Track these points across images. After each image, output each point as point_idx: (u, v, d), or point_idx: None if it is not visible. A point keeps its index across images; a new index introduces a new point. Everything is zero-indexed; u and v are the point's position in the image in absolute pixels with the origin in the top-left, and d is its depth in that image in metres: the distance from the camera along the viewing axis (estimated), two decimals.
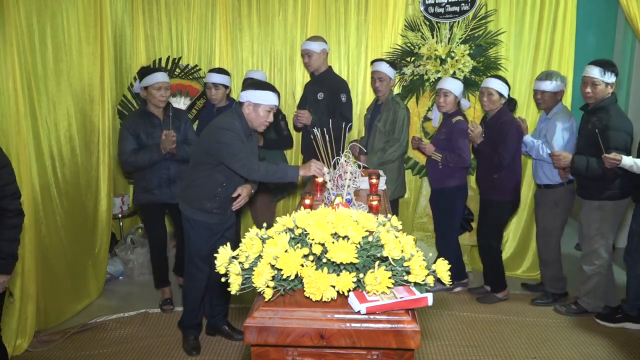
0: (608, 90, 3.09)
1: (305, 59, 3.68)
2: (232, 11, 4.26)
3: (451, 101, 3.47)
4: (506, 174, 3.37)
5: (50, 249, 3.18)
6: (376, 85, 3.62)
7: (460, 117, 3.47)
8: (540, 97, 3.39)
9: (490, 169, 3.41)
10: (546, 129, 3.37)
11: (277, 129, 3.72)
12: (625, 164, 2.88)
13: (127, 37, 4.32)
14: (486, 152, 3.39)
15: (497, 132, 3.34)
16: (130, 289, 3.91)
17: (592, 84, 3.09)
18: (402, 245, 1.31)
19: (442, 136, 3.52)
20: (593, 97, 3.11)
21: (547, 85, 3.33)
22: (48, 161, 3.17)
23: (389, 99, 3.62)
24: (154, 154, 3.14)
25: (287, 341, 1.23)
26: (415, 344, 1.21)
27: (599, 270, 3.26)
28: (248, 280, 1.29)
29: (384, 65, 3.56)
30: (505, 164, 3.32)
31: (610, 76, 3.05)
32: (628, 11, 3.59)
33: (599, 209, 3.18)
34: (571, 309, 3.40)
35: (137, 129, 3.18)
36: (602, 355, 2.90)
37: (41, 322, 3.10)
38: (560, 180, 3.37)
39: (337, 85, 3.69)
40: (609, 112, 3.05)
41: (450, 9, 3.87)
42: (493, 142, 3.35)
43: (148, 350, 2.99)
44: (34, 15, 3.00)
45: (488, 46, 3.87)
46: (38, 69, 3.05)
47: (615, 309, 3.28)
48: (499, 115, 3.39)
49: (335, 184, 2.46)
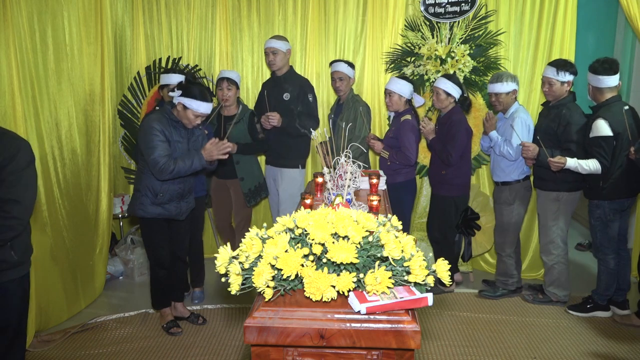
0: (565, 88, 3.27)
1: (270, 56, 3.65)
2: (232, 11, 4.26)
3: (396, 101, 3.54)
4: (454, 171, 3.50)
5: (54, 250, 3.19)
6: (337, 85, 3.71)
7: (408, 116, 3.55)
8: (495, 99, 3.50)
9: (440, 165, 3.54)
10: (504, 128, 3.47)
11: (252, 132, 3.62)
12: (570, 165, 3.09)
13: (127, 37, 4.32)
14: (437, 149, 3.51)
15: (447, 130, 3.46)
16: (130, 289, 3.92)
17: (548, 83, 3.29)
18: (402, 245, 1.31)
19: (391, 134, 3.63)
20: (551, 95, 3.32)
21: (500, 87, 3.43)
22: (50, 162, 3.18)
23: (349, 97, 3.73)
24: (194, 162, 2.77)
25: (287, 341, 1.23)
26: (415, 344, 1.21)
27: (559, 260, 3.45)
28: (248, 280, 1.29)
29: (343, 65, 3.68)
30: (453, 161, 3.44)
31: (565, 75, 3.23)
32: (628, 11, 3.59)
33: (556, 200, 3.37)
34: (537, 298, 3.58)
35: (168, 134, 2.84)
36: (602, 355, 2.90)
37: (41, 322, 3.10)
38: (516, 178, 3.48)
39: (303, 85, 3.73)
40: (569, 109, 3.24)
41: (451, 9, 3.88)
42: (443, 140, 3.47)
43: (148, 350, 2.99)
44: (35, 15, 3.00)
45: (488, 46, 3.88)
46: (39, 69, 3.06)
47: (586, 300, 3.44)
48: (449, 114, 3.50)
49: (335, 184, 2.46)
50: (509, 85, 3.40)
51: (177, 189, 2.95)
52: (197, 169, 2.83)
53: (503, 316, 3.40)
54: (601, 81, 3.11)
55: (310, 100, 3.70)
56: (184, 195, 3.03)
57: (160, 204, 2.93)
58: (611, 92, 3.14)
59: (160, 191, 2.90)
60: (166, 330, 3.17)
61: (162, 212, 2.95)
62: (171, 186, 2.92)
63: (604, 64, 3.10)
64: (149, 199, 2.91)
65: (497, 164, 3.54)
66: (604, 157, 3.05)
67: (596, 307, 3.37)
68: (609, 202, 3.17)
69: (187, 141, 2.93)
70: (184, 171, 2.78)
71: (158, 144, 2.75)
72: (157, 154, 2.73)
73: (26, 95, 2.94)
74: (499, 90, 3.43)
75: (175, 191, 2.95)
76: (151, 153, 2.74)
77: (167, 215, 2.98)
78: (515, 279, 3.66)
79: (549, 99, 3.37)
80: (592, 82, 3.17)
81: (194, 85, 2.86)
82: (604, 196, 3.16)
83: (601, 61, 3.12)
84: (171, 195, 2.94)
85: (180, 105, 2.82)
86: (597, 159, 3.07)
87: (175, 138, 2.86)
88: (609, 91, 3.14)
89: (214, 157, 2.80)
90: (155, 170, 2.75)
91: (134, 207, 2.97)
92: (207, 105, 2.82)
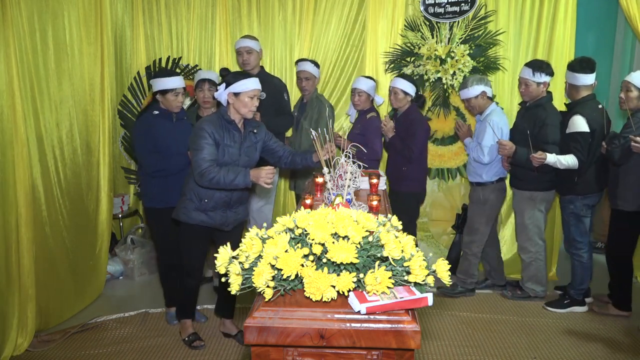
0: (541, 89, 3.34)
1: (244, 55, 3.65)
2: (232, 11, 4.26)
3: (364, 99, 3.65)
4: (414, 167, 3.56)
5: (53, 250, 3.19)
6: (303, 84, 3.76)
7: (374, 113, 3.67)
8: (467, 105, 3.60)
9: (400, 162, 3.59)
10: (480, 130, 3.53)
11: None
12: (550, 161, 3.18)
13: (127, 37, 4.32)
14: (396, 146, 3.56)
15: (406, 128, 3.53)
16: (130, 289, 3.92)
17: (524, 84, 3.36)
18: (402, 245, 1.31)
19: (357, 131, 3.69)
20: (527, 96, 3.39)
21: (467, 93, 3.49)
22: (51, 162, 3.17)
23: (313, 97, 3.78)
24: (238, 178, 2.55)
25: (287, 341, 1.23)
26: (415, 344, 1.21)
27: (536, 257, 3.54)
28: (248, 280, 1.29)
29: (309, 65, 3.73)
30: (414, 157, 3.51)
31: (541, 76, 3.29)
32: (628, 11, 3.60)
33: (530, 198, 3.46)
34: (517, 294, 3.65)
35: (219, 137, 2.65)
36: (602, 355, 2.90)
37: (41, 322, 3.10)
38: (489, 179, 3.54)
39: (278, 84, 3.78)
40: (546, 109, 3.31)
41: (450, 9, 3.88)
42: (403, 137, 3.53)
43: (148, 350, 2.99)
44: (35, 16, 3.00)
45: (488, 46, 3.88)
46: (40, 69, 3.05)
47: (563, 296, 3.55)
48: (407, 113, 3.58)
49: (335, 184, 2.46)
50: (476, 88, 3.45)
51: (223, 197, 2.75)
52: (239, 186, 2.61)
53: (503, 316, 3.40)
54: (578, 79, 3.23)
55: (286, 99, 3.75)
56: (231, 205, 2.81)
57: (204, 210, 2.75)
58: (587, 90, 3.26)
59: (205, 196, 2.73)
60: (188, 344, 3.01)
61: (205, 220, 2.76)
62: (217, 193, 2.73)
63: (582, 62, 3.23)
64: (194, 203, 2.75)
65: (472, 164, 3.63)
66: (581, 151, 3.17)
67: (573, 303, 3.47)
68: (582, 198, 3.31)
69: (239, 146, 2.71)
70: (224, 184, 2.56)
71: (204, 146, 2.58)
72: (201, 157, 2.59)
73: (26, 96, 2.93)
74: (466, 96, 3.50)
75: (221, 199, 2.75)
76: (196, 154, 2.60)
77: (211, 224, 2.78)
78: (475, 279, 3.73)
79: (525, 99, 3.45)
80: (569, 80, 3.30)
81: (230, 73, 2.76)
82: (577, 191, 3.30)
83: (579, 60, 3.26)
84: (216, 202, 2.75)
85: (231, 97, 2.63)
86: (574, 154, 3.17)
87: (227, 142, 2.67)
88: (585, 89, 3.26)
89: (259, 181, 2.56)
90: (196, 173, 2.60)
91: (178, 211, 2.81)
92: (254, 80, 2.65)
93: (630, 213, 3.17)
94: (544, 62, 3.36)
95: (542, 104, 3.33)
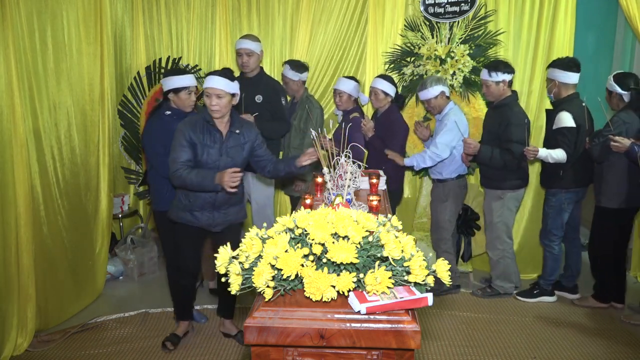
0: (501, 87, 3.39)
1: (244, 57, 3.56)
2: (232, 11, 4.26)
3: (346, 100, 3.65)
4: (393, 166, 3.57)
5: (52, 250, 3.19)
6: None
7: (357, 113, 3.68)
8: (427, 106, 3.62)
9: (379, 160, 3.58)
10: (439, 129, 3.57)
11: None
12: (541, 155, 3.27)
13: (127, 37, 4.32)
14: (376, 145, 3.57)
15: (387, 128, 3.57)
16: (130, 289, 3.92)
17: (485, 85, 3.45)
18: (402, 245, 1.31)
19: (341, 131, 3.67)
20: (490, 96, 3.45)
21: (426, 94, 3.52)
22: (49, 161, 3.17)
23: (303, 98, 3.80)
24: (206, 181, 2.54)
25: (287, 341, 1.23)
26: (415, 344, 1.21)
27: (504, 254, 3.62)
28: (248, 280, 1.29)
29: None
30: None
31: (497, 75, 3.34)
32: (628, 11, 3.60)
33: (499, 197, 3.53)
34: (486, 292, 3.72)
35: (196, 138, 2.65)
36: (603, 356, 2.91)
37: (41, 322, 3.10)
38: (449, 176, 3.59)
39: (276, 87, 3.72)
40: (511, 109, 3.37)
41: (450, 9, 3.88)
42: (383, 137, 3.56)
43: (148, 350, 2.99)
44: (34, 15, 3.00)
45: (488, 46, 3.87)
46: (39, 69, 3.05)
47: (533, 286, 3.66)
48: (387, 113, 3.61)
49: (335, 184, 2.46)
50: (435, 89, 3.48)
51: (207, 198, 2.71)
52: (207, 189, 2.59)
53: (503, 316, 3.40)
54: (570, 77, 3.31)
55: (283, 103, 3.69)
56: (217, 206, 2.75)
57: (190, 210, 2.73)
58: (572, 88, 3.36)
59: (192, 197, 2.71)
60: (162, 342, 3.01)
61: (191, 220, 2.75)
62: (202, 193, 2.69)
63: (571, 62, 3.33)
64: (182, 203, 2.75)
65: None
66: (568, 145, 3.25)
67: (542, 293, 3.60)
68: (566, 192, 3.40)
69: (219, 146, 2.67)
70: (192, 185, 2.56)
71: (177, 147, 2.60)
72: (172, 158, 2.60)
73: (25, 95, 2.93)
74: (426, 97, 3.53)
75: (205, 199, 2.71)
76: (170, 155, 2.63)
77: (197, 224, 2.76)
78: (457, 274, 3.79)
79: (489, 99, 3.52)
80: (560, 79, 3.34)
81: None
82: (562, 185, 3.39)
83: (568, 60, 3.36)
84: (202, 202, 2.72)
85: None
86: (562, 148, 3.25)
87: (207, 142, 2.64)
88: (572, 87, 3.35)
89: (223, 184, 2.50)
90: (169, 174, 2.62)
91: (171, 210, 2.83)
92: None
93: (613, 210, 3.27)
94: (500, 62, 3.43)
95: (507, 104, 3.39)
